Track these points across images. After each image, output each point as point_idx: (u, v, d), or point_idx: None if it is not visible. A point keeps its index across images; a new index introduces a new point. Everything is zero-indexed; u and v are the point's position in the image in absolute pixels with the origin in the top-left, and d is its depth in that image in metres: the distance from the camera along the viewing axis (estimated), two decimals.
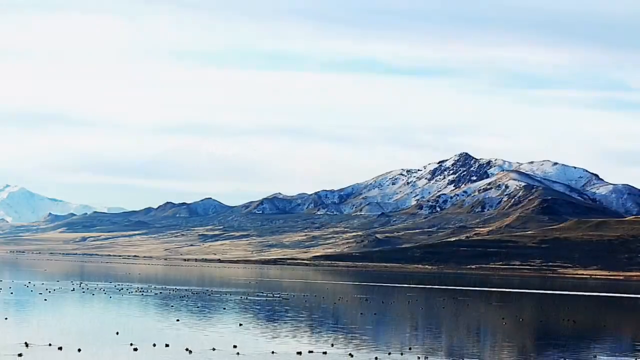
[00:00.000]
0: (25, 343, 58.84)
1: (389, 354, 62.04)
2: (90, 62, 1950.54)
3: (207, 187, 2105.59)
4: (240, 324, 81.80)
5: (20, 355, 53.82)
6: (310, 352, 60.89)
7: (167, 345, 60.97)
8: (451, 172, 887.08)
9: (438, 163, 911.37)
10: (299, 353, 60.00)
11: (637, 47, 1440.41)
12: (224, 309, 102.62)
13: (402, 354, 62.38)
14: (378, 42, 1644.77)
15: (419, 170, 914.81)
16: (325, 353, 60.64)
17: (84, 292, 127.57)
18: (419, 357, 60.67)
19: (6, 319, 78.52)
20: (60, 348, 57.47)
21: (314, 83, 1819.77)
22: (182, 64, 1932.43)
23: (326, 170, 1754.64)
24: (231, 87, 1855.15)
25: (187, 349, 59.27)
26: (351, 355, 60.24)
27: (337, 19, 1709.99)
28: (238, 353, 58.86)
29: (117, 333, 68.29)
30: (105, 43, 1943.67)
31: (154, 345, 61.11)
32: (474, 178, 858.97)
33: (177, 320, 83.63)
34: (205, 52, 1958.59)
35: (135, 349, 58.65)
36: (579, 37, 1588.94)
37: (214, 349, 60.18)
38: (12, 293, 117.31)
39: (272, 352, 59.95)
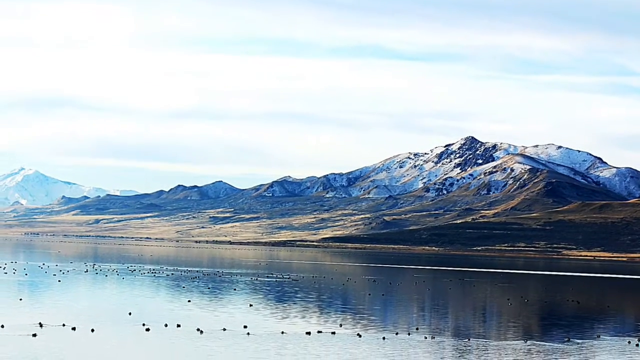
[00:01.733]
0: (40, 323, 59.66)
1: (397, 334, 62.86)
2: (101, 49, 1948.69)
3: (218, 171, 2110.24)
4: (251, 305, 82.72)
5: (34, 335, 54.58)
6: (319, 332, 61.70)
7: (178, 326, 61.81)
8: (457, 155, 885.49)
9: (445, 147, 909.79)
10: (308, 333, 60.82)
11: None
12: (235, 290, 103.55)
13: (409, 334, 63.19)
14: (384, 28, 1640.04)
15: (425, 153, 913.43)
16: (334, 333, 61.41)
17: (97, 273, 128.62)
18: (425, 337, 61.44)
19: (21, 299, 79.55)
20: (73, 328, 58.22)
21: (321, 69, 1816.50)
22: (191, 50, 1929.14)
23: (335, 153, 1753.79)
24: (241, 72, 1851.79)
25: (198, 329, 60.12)
26: (359, 335, 61.04)
27: (343, 5, 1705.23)
28: (248, 333, 59.63)
29: (130, 314, 69.23)
30: (114, 30, 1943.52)
31: (166, 325, 61.97)
32: (480, 161, 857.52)
33: (189, 301, 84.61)
34: (214, 39, 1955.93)
35: (148, 329, 59.43)
36: (582, 22, 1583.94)
37: (224, 329, 60.97)
38: (26, 274, 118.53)
39: (282, 333, 60.77)
